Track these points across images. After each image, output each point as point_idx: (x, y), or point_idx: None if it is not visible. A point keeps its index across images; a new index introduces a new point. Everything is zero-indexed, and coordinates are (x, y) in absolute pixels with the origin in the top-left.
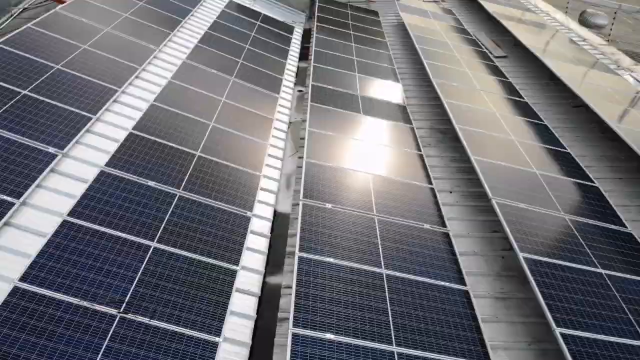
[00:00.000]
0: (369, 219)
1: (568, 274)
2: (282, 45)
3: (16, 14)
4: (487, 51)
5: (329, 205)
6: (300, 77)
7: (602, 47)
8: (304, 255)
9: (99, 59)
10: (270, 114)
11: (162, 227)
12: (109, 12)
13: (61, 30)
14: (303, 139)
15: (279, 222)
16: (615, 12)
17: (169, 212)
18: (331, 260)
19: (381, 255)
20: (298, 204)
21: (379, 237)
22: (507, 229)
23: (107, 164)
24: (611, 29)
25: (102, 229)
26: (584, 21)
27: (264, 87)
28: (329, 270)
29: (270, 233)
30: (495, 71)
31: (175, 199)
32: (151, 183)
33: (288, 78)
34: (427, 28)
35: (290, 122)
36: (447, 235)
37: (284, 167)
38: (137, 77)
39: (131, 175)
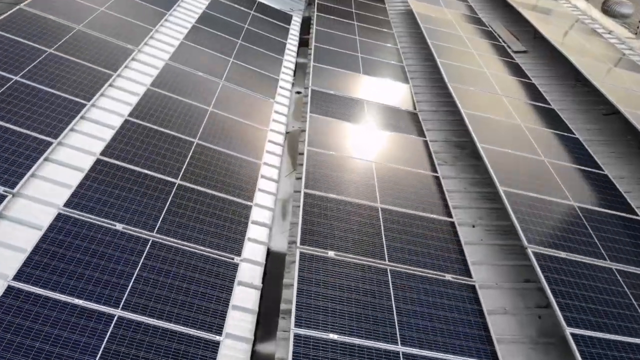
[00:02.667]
0: (381, 270)
1: (623, 354)
2: (279, 39)
3: None
4: (505, 45)
5: (331, 253)
6: (299, 73)
7: (630, 40)
8: (301, 332)
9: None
10: (265, 125)
11: (129, 287)
12: (84, 6)
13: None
14: (301, 154)
15: (273, 261)
16: None
17: (139, 264)
18: (335, 337)
19: (396, 324)
20: (295, 243)
21: (392, 298)
22: (549, 291)
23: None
24: (639, 20)
25: (49, 293)
26: (607, 10)
27: (258, 90)
28: (332, 353)
29: (262, 281)
30: (516, 70)
31: (148, 246)
32: (119, 228)
33: (285, 77)
34: (438, 18)
35: (287, 132)
36: (473, 288)
37: (280, 190)
38: (102, 95)
39: (95, 218)
